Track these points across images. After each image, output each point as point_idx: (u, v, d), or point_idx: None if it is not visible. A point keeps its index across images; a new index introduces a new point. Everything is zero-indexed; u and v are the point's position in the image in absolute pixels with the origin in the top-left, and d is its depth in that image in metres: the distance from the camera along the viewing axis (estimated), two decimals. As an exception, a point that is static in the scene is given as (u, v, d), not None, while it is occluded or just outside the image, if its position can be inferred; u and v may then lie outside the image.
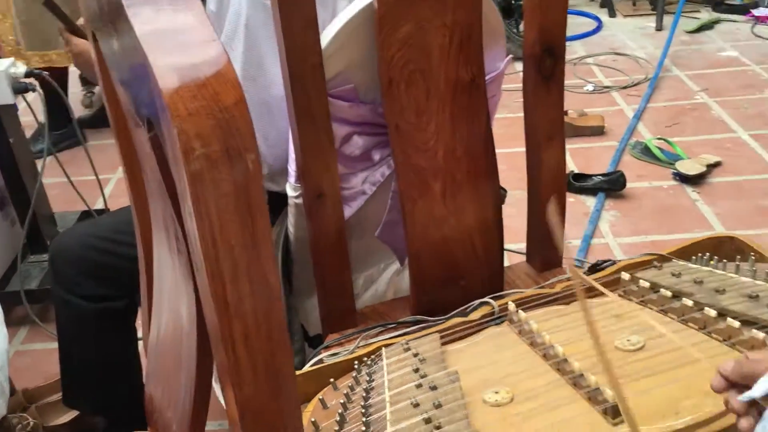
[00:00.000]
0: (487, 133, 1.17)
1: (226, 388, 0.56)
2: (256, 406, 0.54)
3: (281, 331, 0.53)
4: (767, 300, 0.98)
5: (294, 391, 0.56)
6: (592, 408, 0.85)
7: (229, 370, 0.52)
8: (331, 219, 1.15)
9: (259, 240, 0.48)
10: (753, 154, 2.80)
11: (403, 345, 1.03)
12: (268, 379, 0.54)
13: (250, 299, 0.50)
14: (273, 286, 0.51)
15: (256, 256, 0.49)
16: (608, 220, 2.46)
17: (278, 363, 0.54)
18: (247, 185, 0.46)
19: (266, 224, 0.49)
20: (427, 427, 0.83)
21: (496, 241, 1.23)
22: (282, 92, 1.10)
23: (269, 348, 0.53)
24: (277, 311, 0.52)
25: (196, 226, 0.47)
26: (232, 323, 0.50)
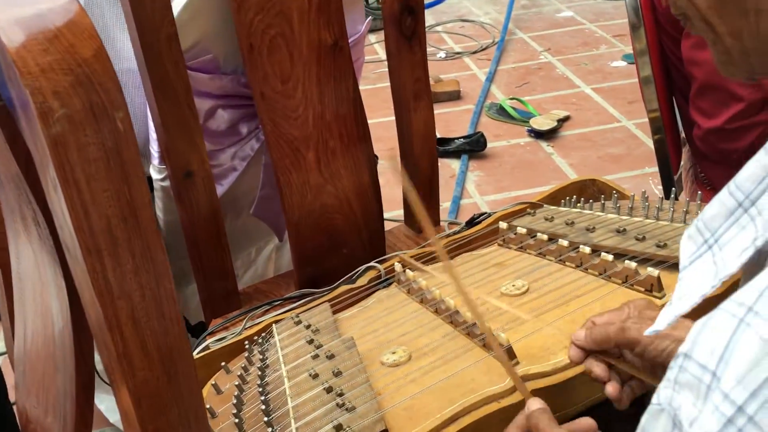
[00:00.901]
0: (356, 96, 1.15)
1: (115, 380, 0.51)
2: (151, 390, 0.49)
3: (172, 307, 0.49)
4: (634, 233, 1.04)
5: (192, 371, 0.52)
6: (487, 354, 0.86)
7: (117, 357, 0.47)
8: (204, 198, 1.10)
9: (138, 208, 0.44)
10: (597, 107, 2.97)
11: (294, 318, 1.00)
12: (162, 360, 0.50)
13: (134, 276, 0.46)
14: (159, 258, 0.46)
15: (135, 226, 0.44)
16: (474, 181, 2.53)
17: (172, 342, 0.50)
18: (118, 148, 0.41)
19: (144, 191, 0.44)
20: (329, 396, 0.81)
21: (374, 204, 1.22)
22: (134, 65, 1.03)
23: (161, 327, 0.48)
24: (167, 285, 0.48)
25: (63, 199, 0.42)
26: (116, 305, 0.46)
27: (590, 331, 0.75)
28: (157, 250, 0.46)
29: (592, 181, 1.30)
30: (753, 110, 1.22)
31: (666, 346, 0.70)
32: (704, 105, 1.26)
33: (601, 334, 0.74)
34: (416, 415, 0.79)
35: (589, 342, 0.75)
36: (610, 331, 0.73)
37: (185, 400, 0.52)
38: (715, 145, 1.27)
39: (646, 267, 0.94)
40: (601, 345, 0.75)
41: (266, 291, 1.23)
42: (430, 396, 0.81)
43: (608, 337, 0.74)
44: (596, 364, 0.75)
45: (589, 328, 0.76)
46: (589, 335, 0.75)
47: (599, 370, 0.75)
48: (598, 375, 0.75)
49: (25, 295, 0.77)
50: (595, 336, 0.75)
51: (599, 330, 0.75)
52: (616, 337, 0.73)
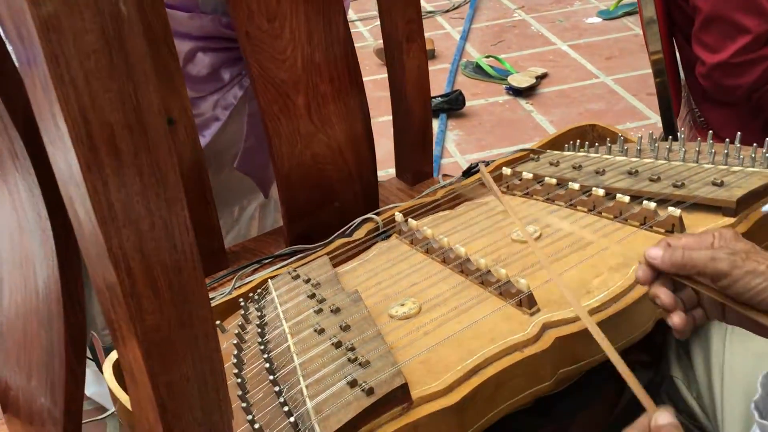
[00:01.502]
0: (347, 37, 1.07)
1: (120, 328, 0.43)
2: (163, 337, 0.42)
3: (186, 239, 0.42)
4: (647, 174, 0.99)
5: (208, 314, 0.45)
6: (505, 302, 0.80)
7: (124, 298, 0.40)
8: (187, 148, 1.01)
9: (146, 115, 0.36)
10: (575, 63, 2.92)
11: (291, 273, 0.93)
12: (174, 302, 0.43)
13: (142, 198, 0.38)
14: (170, 179, 0.39)
15: (143, 137, 0.37)
16: (453, 140, 2.47)
17: (185, 280, 0.43)
18: (121, 36, 0.34)
19: (153, 93, 0.37)
20: (339, 352, 0.74)
21: (368, 155, 1.15)
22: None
23: (173, 262, 0.41)
24: (179, 212, 0.40)
25: (56, 103, 0.34)
26: (121, 234, 0.38)
27: (671, 252, 0.65)
28: (168, 168, 0.39)
29: (591, 126, 1.25)
30: (759, 43, 1.17)
31: (758, 284, 0.62)
32: (709, 39, 1.21)
33: (686, 258, 0.64)
34: (435, 368, 0.73)
35: (666, 263, 0.65)
36: (697, 258, 0.64)
37: (200, 348, 0.45)
38: (720, 81, 1.22)
39: (666, 207, 0.89)
40: (680, 269, 0.65)
41: (254, 249, 1.16)
42: (447, 348, 0.75)
43: (694, 263, 0.64)
44: (664, 291, 0.66)
45: (665, 248, 0.66)
46: (670, 256, 0.65)
47: (666, 297, 0.66)
48: (665, 303, 0.66)
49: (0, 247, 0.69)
50: (676, 258, 0.65)
51: (683, 253, 0.65)
52: (704, 266, 0.64)
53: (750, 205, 0.91)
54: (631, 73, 2.79)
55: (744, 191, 0.90)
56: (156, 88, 0.36)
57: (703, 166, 0.99)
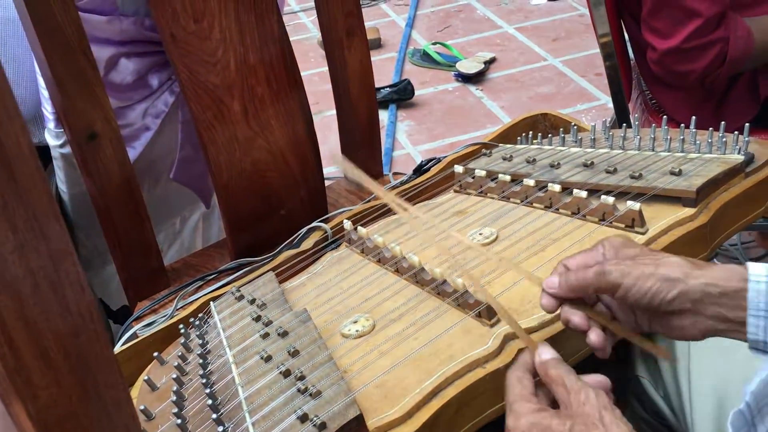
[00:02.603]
0: (282, 35, 1.00)
1: (11, 404, 0.37)
2: (62, 412, 0.36)
3: (81, 297, 0.35)
4: (603, 165, 0.95)
5: (117, 378, 0.39)
6: (464, 314, 0.75)
7: (9, 376, 0.34)
8: (113, 164, 0.94)
9: (12, 157, 0.30)
10: (522, 47, 2.89)
11: (234, 293, 0.87)
12: (73, 370, 0.36)
13: (19, 257, 0.32)
14: (53, 230, 0.33)
15: (10, 182, 0.30)
16: (404, 131, 2.42)
17: (85, 344, 0.37)
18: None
19: (21, 129, 0.30)
20: (288, 381, 0.69)
21: (312, 157, 1.09)
22: (11, 13, 0.85)
23: (68, 325, 0.35)
24: (69, 268, 0.34)
25: None
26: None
27: (565, 277, 0.65)
28: (49, 217, 0.32)
29: (543, 115, 1.21)
30: (711, 26, 1.14)
31: (650, 286, 0.61)
32: (659, 24, 1.17)
33: (578, 280, 0.64)
34: (392, 392, 0.68)
35: (564, 289, 0.65)
36: (588, 276, 0.63)
37: (113, 419, 0.39)
38: (672, 67, 1.19)
39: (624, 201, 0.85)
40: (577, 292, 0.65)
41: (197, 265, 1.09)
42: (404, 369, 0.70)
43: (586, 283, 0.63)
44: (573, 312, 0.65)
45: (562, 273, 0.65)
46: (564, 282, 0.65)
47: (578, 318, 0.65)
48: (578, 324, 0.65)
49: None
50: (570, 282, 0.64)
51: (575, 275, 0.64)
52: (596, 282, 0.63)
53: (710, 193, 0.88)
54: (578, 54, 2.77)
55: (703, 179, 0.87)
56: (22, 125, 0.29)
57: (660, 155, 0.96)
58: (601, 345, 0.65)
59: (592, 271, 0.63)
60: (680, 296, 0.61)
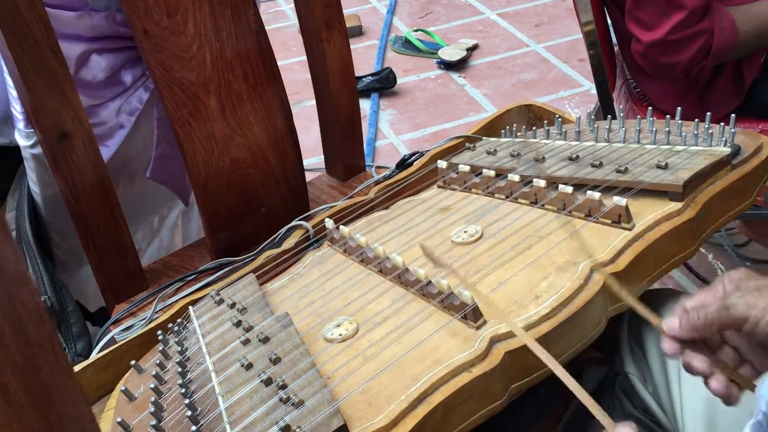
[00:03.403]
0: (259, 28, 0.98)
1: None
2: (24, 454, 0.34)
3: (42, 328, 0.33)
4: (589, 159, 0.93)
5: (85, 410, 0.36)
6: (449, 316, 0.74)
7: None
8: (86, 164, 0.91)
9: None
10: (505, 33, 2.87)
11: (214, 297, 0.84)
12: (36, 404, 0.34)
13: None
14: (7, 253, 0.30)
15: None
16: (387, 120, 2.39)
17: (47, 376, 0.34)
18: None
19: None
20: (269, 390, 0.67)
21: (292, 154, 1.06)
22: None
23: (26, 357, 0.33)
24: (27, 296, 0.32)
25: None
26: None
27: (686, 317, 0.61)
28: (2, 244, 0.30)
29: (527, 106, 1.19)
30: (695, 18, 1.12)
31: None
32: (643, 16, 1.15)
33: (701, 319, 0.61)
34: (376, 399, 0.66)
35: (686, 330, 0.61)
36: (710, 312, 0.60)
37: (79, 454, 0.36)
38: (657, 59, 1.17)
39: (611, 196, 0.84)
40: (701, 331, 0.61)
41: (176, 265, 1.06)
42: (389, 374, 0.68)
43: (709, 321, 0.60)
44: (694, 356, 0.62)
45: (682, 314, 0.62)
46: (686, 322, 0.61)
47: (700, 363, 0.62)
48: (700, 370, 0.62)
49: None
50: (693, 322, 0.61)
51: (696, 314, 0.61)
52: (720, 318, 0.60)
53: (697, 186, 0.87)
54: (560, 39, 2.75)
55: (690, 173, 0.85)
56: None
57: (645, 147, 0.94)
58: (723, 393, 0.62)
59: (716, 306, 0.60)
60: None
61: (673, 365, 0.81)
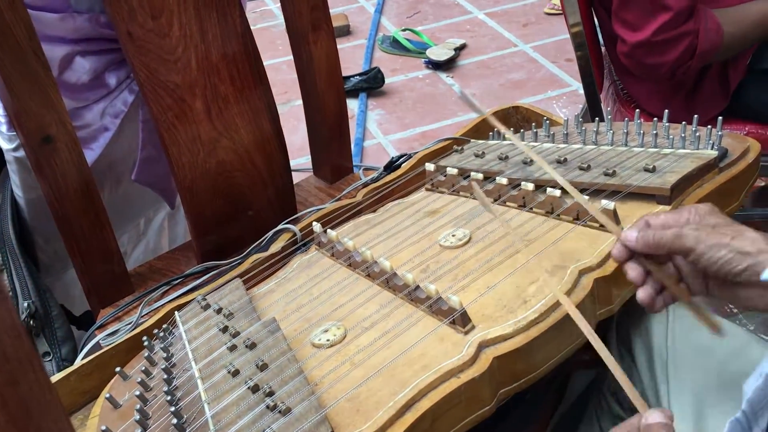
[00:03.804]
0: (245, 30, 0.97)
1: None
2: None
3: (20, 343, 0.32)
4: (577, 162, 0.93)
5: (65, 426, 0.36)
6: (438, 321, 0.73)
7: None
8: (70, 167, 0.90)
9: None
10: (493, 32, 2.87)
11: (200, 302, 0.84)
12: (14, 419, 0.33)
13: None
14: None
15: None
16: (375, 120, 2.39)
17: (26, 391, 0.34)
18: None
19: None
20: (256, 397, 0.66)
21: (279, 156, 1.06)
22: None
23: (5, 373, 0.32)
24: (4, 313, 0.31)
25: None
26: None
27: (643, 234, 0.67)
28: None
29: (515, 108, 1.19)
30: (681, 19, 1.13)
31: (722, 255, 0.63)
32: (629, 17, 1.15)
33: (655, 239, 0.67)
34: (364, 405, 0.66)
35: (640, 244, 0.67)
36: (665, 236, 0.66)
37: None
38: (642, 60, 1.17)
39: (599, 199, 0.84)
40: (652, 249, 0.67)
41: (162, 269, 1.05)
42: (377, 380, 0.68)
43: (662, 243, 0.66)
44: (633, 267, 0.68)
45: (642, 228, 0.68)
46: (642, 237, 0.67)
47: (635, 273, 0.68)
48: (633, 278, 0.68)
49: None
50: (647, 239, 0.67)
51: (653, 234, 0.67)
52: (671, 244, 0.66)
53: (684, 190, 0.87)
54: (548, 39, 2.75)
55: (677, 176, 0.85)
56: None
57: (633, 150, 0.94)
58: (648, 302, 0.68)
59: (670, 232, 0.66)
60: (749, 269, 0.62)
61: (661, 367, 0.81)
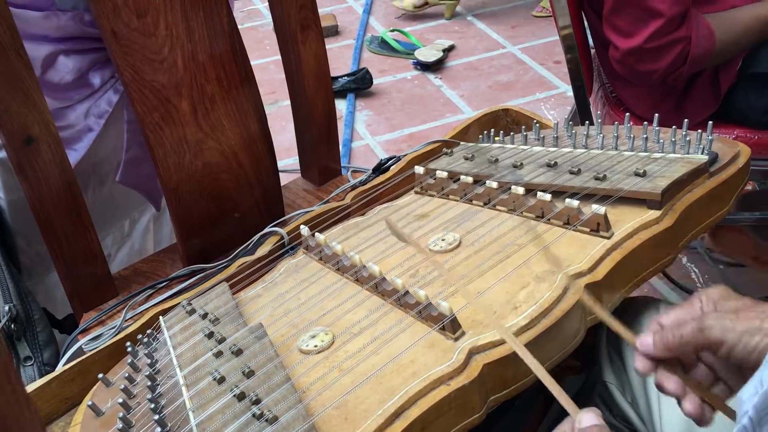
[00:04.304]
0: (232, 30, 0.95)
1: None
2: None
3: None
4: (567, 165, 0.92)
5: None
6: (427, 328, 0.72)
7: None
8: (52, 169, 0.88)
9: None
10: (481, 34, 2.87)
11: (185, 307, 0.82)
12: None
13: None
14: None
15: None
16: (363, 121, 2.37)
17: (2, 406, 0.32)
18: None
19: None
20: (242, 406, 0.65)
21: (266, 157, 1.04)
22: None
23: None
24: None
25: None
26: None
27: (660, 336, 0.60)
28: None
29: (504, 111, 1.18)
30: (673, 26, 1.12)
31: (757, 342, 0.56)
32: (621, 23, 1.15)
33: (676, 338, 0.59)
34: (353, 413, 0.65)
35: (660, 349, 0.60)
36: (685, 333, 0.59)
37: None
38: (634, 66, 1.17)
39: (589, 204, 0.83)
40: (675, 351, 0.60)
41: (147, 272, 1.04)
42: (366, 388, 0.67)
43: (684, 341, 0.59)
44: (668, 376, 0.60)
45: (657, 331, 0.60)
46: (660, 341, 0.60)
47: (672, 385, 0.60)
48: (672, 391, 0.60)
49: None
50: (667, 341, 0.60)
51: (671, 333, 0.60)
52: (695, 341, 0.58)
53: (675, 194, 0.86)
54: (537, 41, 2.75)
55: (668, 181, 0.85)
56: None
57: (623, 154, 0.94)
58: (697, 415, 0.60)
59: (691, 327, 0.59)
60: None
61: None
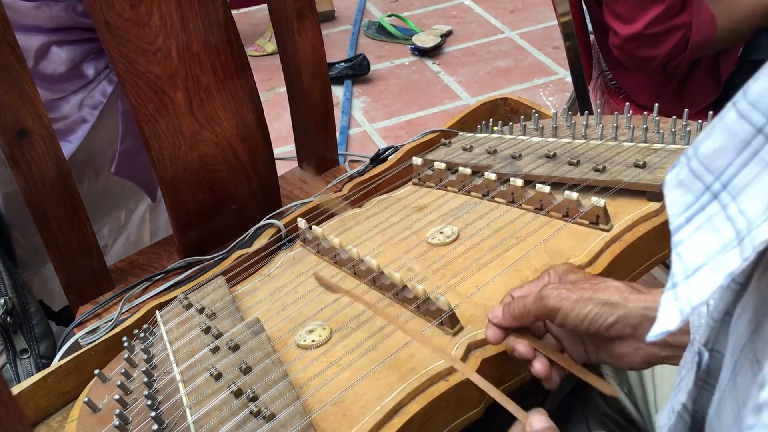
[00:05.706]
0: (227, 19, 0.94)
1: None
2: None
3: None
4: (566, 156, 0.92)
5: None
6: (426, 323, 0.72)
7: None
8: (46, 161, 0.87)
9: None
10: (479, 19, 2.84)
11: (182, 301, 0.81)
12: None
13: None
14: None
15: None
16: (360, 107, 2.36)
17: None
18: None
19: None
20: (239, 402, 0.64)
21: (262, 148, 1.03)
22: None
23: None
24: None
25: None
26: None
27: (508, 307, 0.64)
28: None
29: (503, 100, 1.17)
30: (673, 12, 1.11)
31: (589, 310, 0.60)
32: (621, 9, 1.14)
33: (519, 308, 0.64)
34: (351, 410, 0.64)
35: (507, 319, 0.64)
36: (527, 303, 0.63)
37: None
38: (634, 53, 1.16)
39: (588, 196, 0.82)
40: (520, 321, 0.64)
41: (143, 264, 1.03)
42: (364, 384, 0.66)
43: (527, 310, 0.63)
44: (518, 341, 0.64)
45: (507, 303, 0.65)
46: (507, 311, 0.64)
47: (523, 347, 0.64)
48: (523, 353, 0.64)
49: None
50: (513, 311, 0.64)
51: (516, 304, 0.64)
52: (535, 309, 0.63)
53: (675, 186, 0.85)
54: (535, 26, 2.73)
55: (669, 172, 0.84)
56: None
57: (623, 145, 0.93)
58: (546, 374, 0.64)
59: (532, 297, 0.63)
60: (619, 321, 0.60)
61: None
